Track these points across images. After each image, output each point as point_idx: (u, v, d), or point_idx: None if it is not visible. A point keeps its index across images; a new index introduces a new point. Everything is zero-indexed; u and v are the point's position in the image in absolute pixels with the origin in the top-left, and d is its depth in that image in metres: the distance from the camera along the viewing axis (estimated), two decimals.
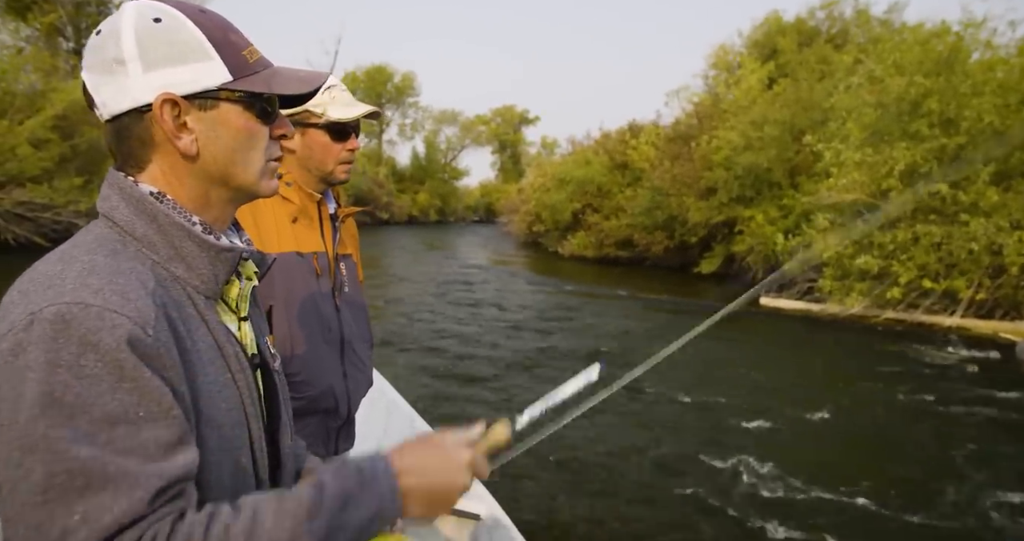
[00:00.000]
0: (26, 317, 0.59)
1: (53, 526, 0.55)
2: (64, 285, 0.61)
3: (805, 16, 24.07)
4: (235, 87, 0.72)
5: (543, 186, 26.32)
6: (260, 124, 0.75)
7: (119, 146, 0.73)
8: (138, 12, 0.70)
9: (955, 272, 9.79)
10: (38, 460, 0.56)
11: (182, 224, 0.72)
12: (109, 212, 0.72)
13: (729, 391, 6.50)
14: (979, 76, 9.96)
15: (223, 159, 0.74)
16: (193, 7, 0.73)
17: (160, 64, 0.69)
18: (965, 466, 4.60)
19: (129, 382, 0.59)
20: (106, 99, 0.71)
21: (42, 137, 16.66)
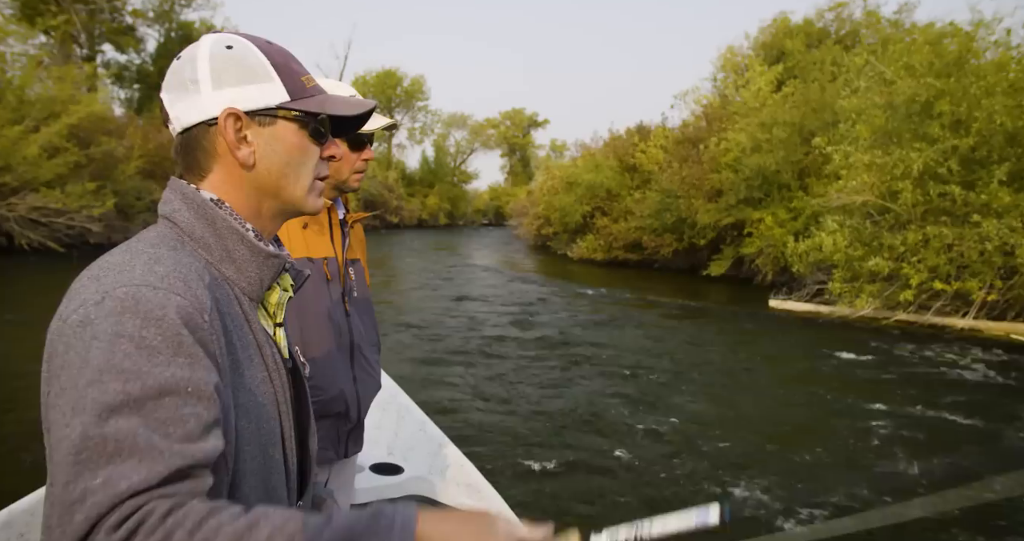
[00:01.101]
0: (98, 295, 0.64)
1: (77, 486, 0.57)
2: (133, 271, 0.67)
3: (813, 18, 23.96)
4: (292, 106, 0.80)
5: (552, 189, 26.32)
6: (312, 143, 0.83)
7: (185, 156, 0.81)
8: (214, 40, 0.80)
9: (967, 273, 9.68)
10: (80, 422, 0.58)
11: (237, 229, 0.79)
12: (171, 214, 0.78)
13: (740, 394, 6.46)
14: (991, 77, 9.85)
15: (276, 172, 0.81)
16: (261, 39, 0.82)
17: (228, 83, 0.78)
18: (978, 467, 4.54)
19: (184, 357, 0.63)
20: (179, 113, 0.79)
21: (58, 145, 16.91)
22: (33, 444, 4.44)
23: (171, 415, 0.61)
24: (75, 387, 0.60)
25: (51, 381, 0.63)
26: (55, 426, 0.60)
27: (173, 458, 0.59)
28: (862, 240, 10.90)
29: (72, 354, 0.62)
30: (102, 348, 0.61)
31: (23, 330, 8.23)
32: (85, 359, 0.61)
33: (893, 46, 13.03)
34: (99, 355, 0.60)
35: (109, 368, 0.60)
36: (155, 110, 25.32)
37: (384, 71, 54.42)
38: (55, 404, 0.61)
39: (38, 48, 21.25)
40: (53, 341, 0.65)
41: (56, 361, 0.63)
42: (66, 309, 0.66)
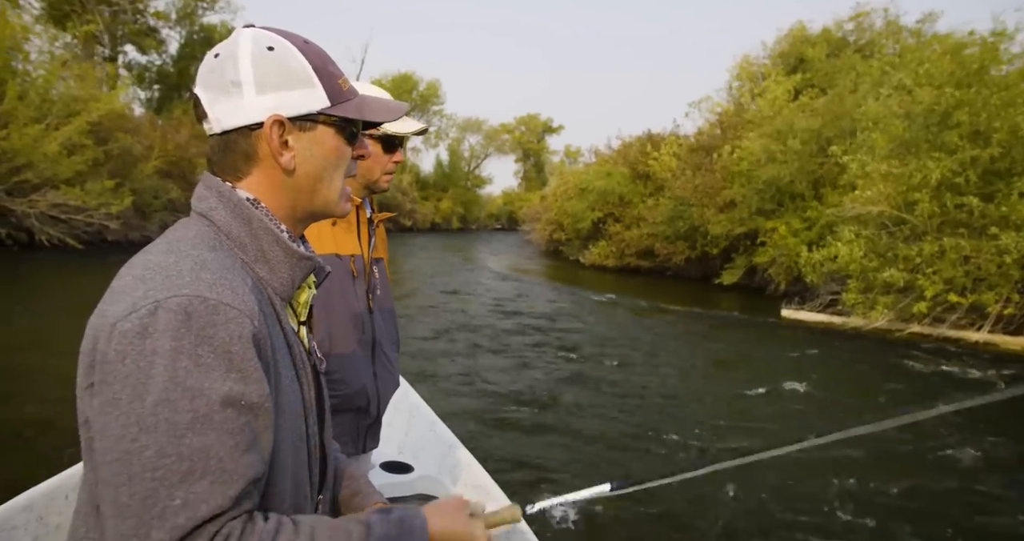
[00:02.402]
0: (150, 304, 0.64)
1: (156, 503, 0.61)
2: (181, 277, 0.67)
3: (832, 27, 23.82)
4: (332, 112, 0.81)
5: (565, 195, 26.33)
6: (347, 145, 0.84)
7: (223, 156, 0.80)
8: (254, 40, 0.79)
9: (983, 286, 9.54)
10: (154, 440, 0.61)
11: (272, 230, 0.79)
12: (207, 212, 0.78)
13: (751, 405, 6.41)
14: (1013, 87, 9.74)
15: (314, 175, 0.82)
16: (299, 38, 0.81)
17: (272, 88, 0.77)
18: (992, 485, 4.47)
19: (236, 372, 0.66)
20: (220, 115, 0.78)
21: (77, 142, 17.17)
22: (47, 433, 4.51)
23: (231, 430, 0.64)
24: (140, 402, 0.62)
25: (103, 387, 0.64)
26: (116, 439, 0.62)
27: (239, 479, 0.64)
28: (877, 251, 10.79)
29: (130, 365, 0.63)
30: (164, 364, 0.63)
31: (42, 325, 8.35)
32: (148, 374, 0.62)
33: (911, 55, 12.94)
34: (162, 372, 0.62)
35: (174, 386, 0.62)
36: (174, 111, 25.72)
37: (400, 75, 54.76)
38: (110, 412, 0.63)
39: (62, 48, 21.65)
40: (102, 344, 0.65)
41: (109, 368, 0.64)
42: (114, 310, 0.66)
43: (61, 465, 1.96)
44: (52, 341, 7.42)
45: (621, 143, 25.46)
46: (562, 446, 4.95)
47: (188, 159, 22.73)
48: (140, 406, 0.62)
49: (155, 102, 31.41)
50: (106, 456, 0.63)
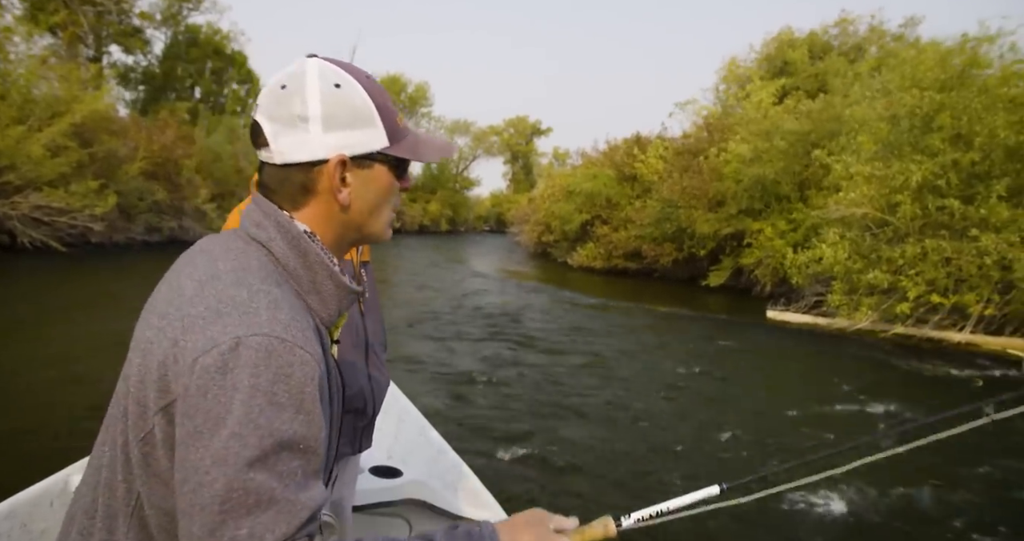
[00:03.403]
0: (231, 340, 0.67)
1: (224, 533, 0.64)
2: (259, 315, 0.69)
3: (819, 31, 24.12)
4: (391, 152, 0.84)
5: (552, 197, 26.40)
6: (397, 181, 0.87)
7: (280, 186, 0.82)
8: (321, 75, 0.80)
9: (964, 287, 9.69)
10: (223, 473, 0.64)
11: (327, 264, 0.82)
12: (267, 242, 0.80)
13: (734, 404, 6.47)
14: (993, 91, 9.89)
15: (367, 211, 0.85)
16: (362, 74, 0.83)
17: (338, 127, 0.80)
18: (972, 483, 4.54)
19: (304, 414, 0.68)
20: (284, 148, 0.80)
21: (60, 143, 16.97)
22: (29, 439, 4.45)
23: (293, 468, 0.67)
24: (216, 436, 0.64)
25: (185, 419, 0.66)
26: (193, 470, 0.65)
27: (302, 510, 0.67)
28: (861, 252, 10.92)
29: (212, 401, 0.65)
30: (242, 401, 0.65)
31: (23, 329, 8.25)
32: (228, 409, 0.65)
33: (894, 59, 13.11)
34: (240, 408, 0.65)
35: (248, 422, 0.65)
36: (160, 112, 25.48)
37: (388, 77, 54.67)
38: (190, 444, 0.66)
39: (45, 48, 21.39)
40: (185, 378, 0.67)
41: (192, 402, 0.66)
42: (193, 344, 0.68)
43: (43, 471, 1.94)
44: (33, 345, 7.33)
45: (608, 145, 25.58)
46: (548, 449, 4.96)
47: (174, 160, 22.54)
48: (216, 440, 0.65)
49: (140, 103, 31.13)
50: (183, 486, 0.66)
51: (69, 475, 1.96)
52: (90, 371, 6.16)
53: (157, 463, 0.71)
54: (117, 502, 0.76)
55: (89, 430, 3.57)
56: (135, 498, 0.74)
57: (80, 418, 4.82)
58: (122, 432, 0.74)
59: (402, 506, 2.10)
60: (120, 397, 0.76)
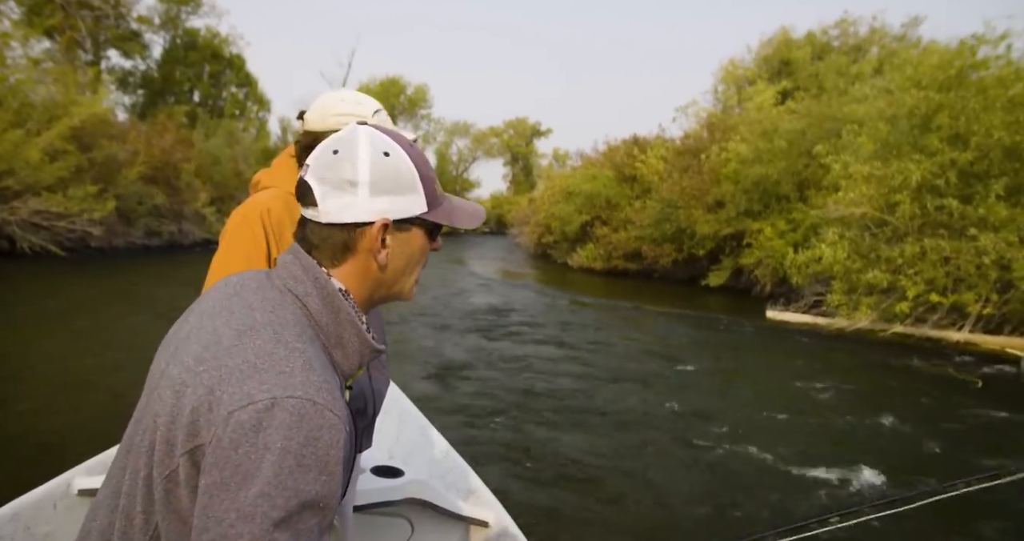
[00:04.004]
0: (267, 400, 0.70)
1: None
2: (294, 376, 0.72)
3: (817, 32, 24.18)
4: (429, 218, 0.88)
5: (552, 198, 26.42)
6: (430, 243, 0.92)
7: (323, 243, 0.86)
8: (372, 144, 0.85)
9: (963, 287, 9.70)
10: (249, 530, 0.67)
11: (356, 323, 0.85)
12: (303, 297, 0.83)
13: (732, 404, 6.48)
14: (991, 91, 9.92)
15: (400, 270, 0.89)
16: (406, 142, 0.88)
17: (385, 192, 0.84)
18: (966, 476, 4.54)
19: (327, 475, 0.72)
20: (331, 209, 0.84)
21: (59, 148, 16.98)
22: (30, 443, 4.46)
23: (311, 526, 0.71)
24: (244, 492, 0.67)
25: (212, 469, 0.69)
26: (216, 520, 0.67)
27: None
28: (860, 252, 10.94)
29: (242, 455, 0.68)
30: (272, 461, 0.68)
31: (25, 333, 8.26)
32: (258, 467, 0.67)
33: (895, 59, 13.12)
34: (270, 468, 0.67)
35: (277, 484, 0.67)
36: (159, 116, 25.51)
37: (388, 79, 54.71)
38: (215, 495, 0.68)
39: (43, 53, 21.40)
40: (218, 429, 0.70)
41: (222, 454, 0.69)
42: (228, 397, 0.71)
43: (45, 475, 1.95)
44: (34, 350, 7.34)
45: (607, 146, 25.62)
46: (546, 450, 4.97)
47: (173, 164, 22.55)
48: (244, 496, 0.67)
49: (139, 107, 31.15)
50: (203, 534, 0.68)
51: (72, 478, 1.97)
52: (91, 375, 6.17)
53: (178, 501, 0.74)
54: (134, 530, 0.78)
55: (91, 433, 3.58)
56: (152, 529, 0.76)
57: (82, 422, 4.83)
58: (146, 465, 0.76)
59: (404, 506, 2.11)
60: (147, 430, 0.78)
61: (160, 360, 0.86)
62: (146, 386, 0.87)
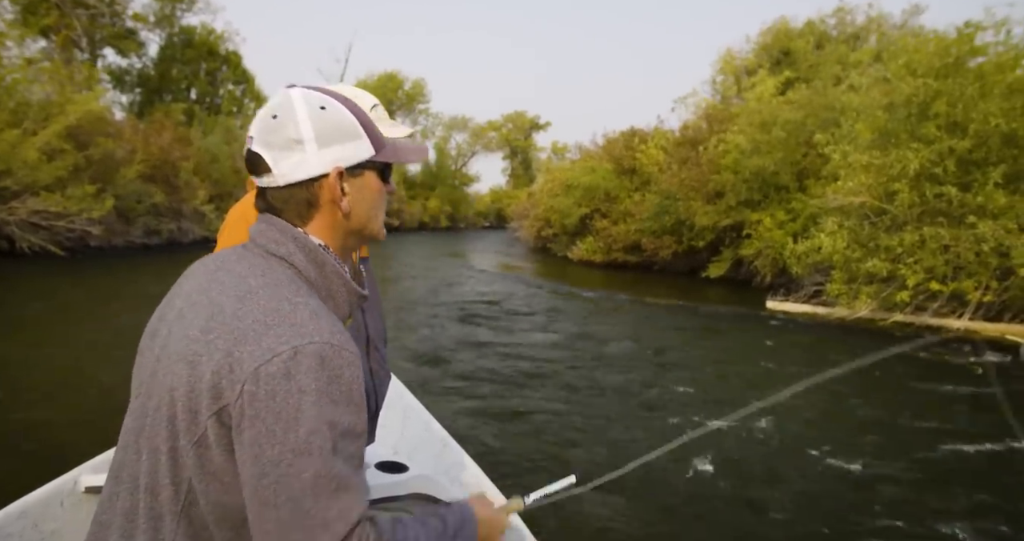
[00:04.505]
0: (289, 349, 0.75)
1: (316, 516, 0.74)
2: (305, 325, 0.78)
3: (816, 20, 24.07)
4: (378, 159, 0.94)
5: (551, 191, 26.38)
6: (384, 184, 0.97)
7: (286, 205, 0.90)
8: (306, 101, 0.89)
9: (963, 274, 9.71)
10: (309, 464, 0.73)
11: (341, 273, 0.91)
12: (288, 256, 0.88)
13: (733, 393, 6.50)
14: (989, 78, 9.88)
15: (364, 216, 0.94)
16: (340, 95, 0.92)
17: (331, 143, 0.89)
18: (971, 464, 4.57)
19: (354, 406, 0.79)
20: (286, 170, 0.88)
21: (56, 147, 16.94)
22: (36, 440, 4.49)
23: (353, 453, 0.79)
24: (293, 433, 0.73)
25: (254, 420, 0.74)
26: (273, 464, 0.73)
27: (364, 490, 0.79)
28: (859, 241, 10.94)
29: (281, 402, 0.74)
30: (311, 401, 0.74)
31: (26, 332, 8.28)
32: (298, 409, 0.74)
33: (893, 47, 13.08)
34: (310, 409, 0.74)
35: (320, 420, 0.74)
36: (156, 114, 25.44)
37: (385, 74, 54.51)
38: (264, 443, 0.74)
39: (39, 52, 21.32)
40: (249, 385, 0.75)
41: (260, 405, 0.74)
42: (250, 354, 0.75)
43: (52, 472, 1.97)
44: (36, 349, 7.36)
45: (606, 139, 25.56)
46: (551, 441, 5.00)
47: (171, 162, 22.50)
48: (295, 436, 0.73)
49: (137, 106, 31.08)
50: (262, 480, 0.74)
51: (78, 475, 1.99)
52: (93, 373, 6.19)
53: (212, 463, 0.78)
54: (162, 504, 0.81)
55: (95, 431, 3.60)
56: (183, 497, 0.80)
57: (86, 420, 4.86)
58: (168, 439, 0.80)
59: (408, 501, 2.12)
60: (162, 407, 0.81)
61: (153, 345, 0.89)
62: (140, 373, 0.90)
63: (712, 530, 3.70)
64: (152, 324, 0.93)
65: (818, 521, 3.81)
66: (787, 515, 3.88)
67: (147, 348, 0.91)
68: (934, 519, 3.81)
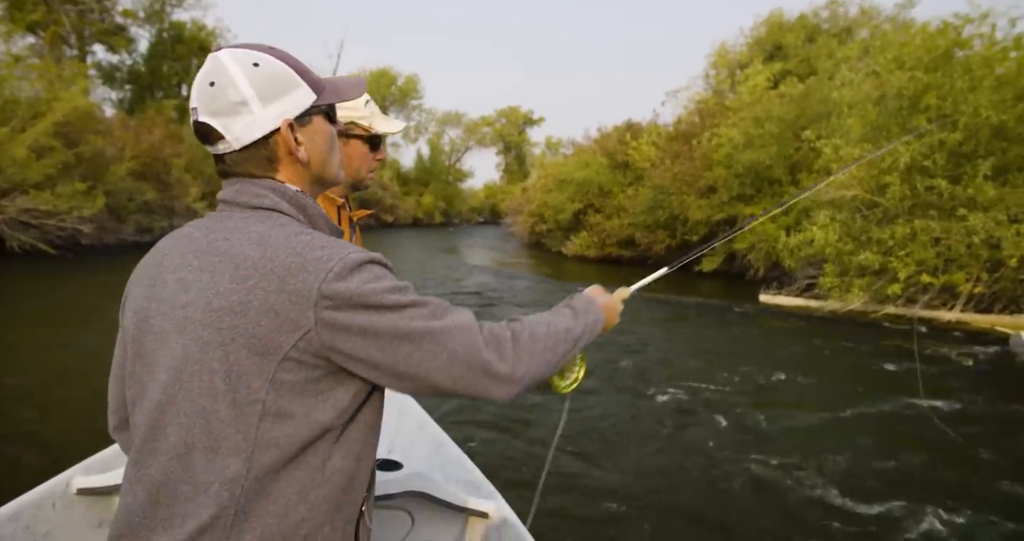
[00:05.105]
0: (337, 263, 0.82)
1: (447, 324, 0.87)
2: (332, 246, 0.84)
3: (809, 14, 24.10)
4: (319, 103, 0.94)
5: (545, 187, 26.37)
6: (332, 127, 0.99)
7: (246, 166, 0.92)
8: (237, 61, 0.89)
9: (954, 267, 9.77)
10: (449, 332, 0.86)
11: (322, 213, 0.95)
12: (275, 206, 0.90)
13: (727, 384, 6.53)
14: (977, 71, 9.92)
15: (321, 160, 0.97)
16: (268, 48, 0.93)
17: (273, 98, 0.90)
18: (963, 452, 4.62)
19: (399, 281, 0.88)
20: (238, 134, 0.89)
21: (45, 144, 16.80)
22: (27, 442, 4.47)
23: (438, 303, 0.90)
24: (388, 307, 0.83)
25: (351, 322, 0.81)
26: (431, 343, 0.84)
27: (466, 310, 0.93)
28: (851, 234, 10.99)
29: (359, 298, 0.82)
30: (380, 285, 0.84)
31: (18, 332, 8.23)
32: (375, 292, 0.83)
33: (883, 39, 13.10)
34: (383, 288, 0.84)
35: (394, 289, 0.85)
36: (147, 111, 25.27)
37: (378, 70, 54.28)
38: (373, 330, 0.82)
39: (26, 49, 21.12)
40: (319, 305, 0.80)
41: (343, 312, 0.81)
42: (303, 280, 0.80)
43: (43, 474, 1.96)
44: (27, 351, 7.33)
45: (599, 133, 25.54)
46: (535, 437, 5.02)
47: (163, 159, 22.37)
48: (390, 307, 0.83)
49: (127, 103, 30.85)
50: (433, 359, 0.84)
51: (71, 477, 1.97)
52: (85, 374, 6.17)
53: (291, 393, 0.82)
54: (224, 458, 0.80)
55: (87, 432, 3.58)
56: (251, 444, 0.80)
57: (79, 421, 4.84)
58: (225, 393, 0.81)
59: (404, 498, 2.13)
60: (204, 369, 0.82)
61: (155, 326, 0.87)
62: (148, 355, 0.88)
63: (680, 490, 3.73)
64: (136, 308, 0.91)
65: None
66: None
67: (145, 331, 0.88)
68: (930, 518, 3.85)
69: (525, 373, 0.92)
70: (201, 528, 0.79)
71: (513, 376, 0.90)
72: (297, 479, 0.82)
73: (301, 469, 0.82)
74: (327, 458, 0.85)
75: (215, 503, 0.79)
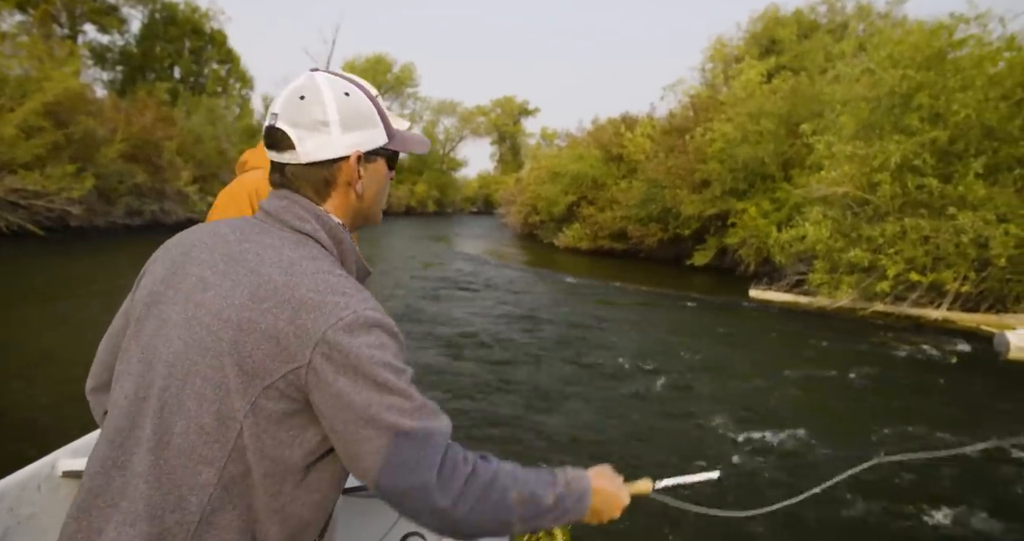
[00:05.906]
0: (350, 314, 0.82)
1: (426, 428, 0.83)
2: (354, 296, 0.85)
3: (805, 9, 24.08)
4: (391, 147, 1.00)
5: (539, 178, 26.33)
6: (390, 173, 1.03)
7: (305, 183, 0.95)
8: (331, 85, 0.94)
9: (942, 265, 9.86)
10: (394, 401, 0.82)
11: (355, 250, 0.98)
12: (314, 233, 0.93)
13: (716, 380, 6.59)
14: (969, 71, 9.96)
15: (372, 199, 1.01)
16: (359, 82, 0.98)
17: (353, 128, 0.94)
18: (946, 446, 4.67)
19: (402, 359, 0.87)
20: (310, 149, 0.93)
21: (34, 124, 16.59)
22: (10, 424, 4.45)
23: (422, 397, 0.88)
24: (373, 379, 0.81)
25: (336, 376, 0.81)
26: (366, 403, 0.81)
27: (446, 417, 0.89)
28: (842, 231, 11.06)
29: (354, 359, 0.81)
30: (379, 354, 0.83)
31: (4, 313, 8.18)
32: (371, 359, 0.82)
33: (878, 37, 13.12)
34: (379, 359, 0.82)
35: (389, 366, 0.83)
36: (138, 93, 24.96)
37: (374, 57, 53.85)
38: (349, 391, 0.80)
39: (16, 26, 20.76)
40: (318, 347, 0.81)
41: (334, 363, 0.81)
42: (311, 321, 0.81)
43: (28, 456, 1.96)
44: (14, 332, 7.27)
45: (594, 125, 25.49)
46: (536, 432, 5.05)
47: (154, 142, 22.14)
48: (375, 382, 0.81)
49: (119, 84, 30.45)
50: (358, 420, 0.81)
51: (56, 459, 1.97)
52: (73, 356, 6.13)
53: (271, 420, 0.82)
54: (196, 463, 0.81)
55: (73, 414, 3.55)
56: (228, 454, 0.82)
57: (65, 403, 4.82)
58: (213, 401, 0.82)
59: None
60: (197, 373, 0.83)
61: (162, 313, 0.89)
62: (147, 339, 0.88)
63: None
64: (152, 288, 0.92)
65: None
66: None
67: (150, 313, 0.89)
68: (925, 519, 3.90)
69: (465, 518, 0.84)
70: (163, 531, 0.79)
71: (450, 514, 0.83)
72: (257, 508, 0.84)
73: (260, 500, 0.83)
74: (288, 501, 0.85)
75: (181, 507, 0.80)
